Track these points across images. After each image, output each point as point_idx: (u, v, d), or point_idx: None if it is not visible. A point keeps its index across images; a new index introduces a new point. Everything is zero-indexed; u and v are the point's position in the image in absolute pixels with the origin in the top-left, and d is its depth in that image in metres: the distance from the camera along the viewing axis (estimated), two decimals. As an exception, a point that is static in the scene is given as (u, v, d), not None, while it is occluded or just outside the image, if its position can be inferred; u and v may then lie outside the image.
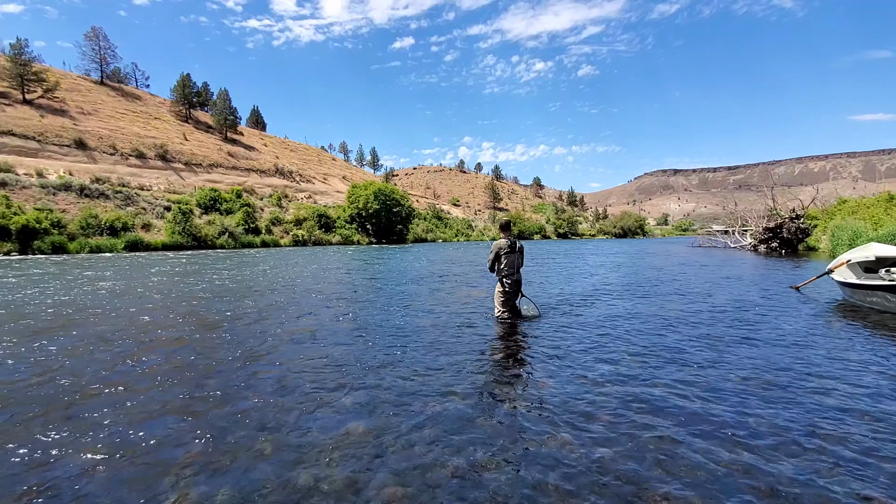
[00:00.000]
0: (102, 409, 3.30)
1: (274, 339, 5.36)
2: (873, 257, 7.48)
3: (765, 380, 3.81)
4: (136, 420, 3.10)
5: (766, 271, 13.86)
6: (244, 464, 2.53)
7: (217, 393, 3.60)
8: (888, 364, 4.23)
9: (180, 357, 4.61)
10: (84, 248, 26.63)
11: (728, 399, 3.39)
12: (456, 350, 4.81)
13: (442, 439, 2.78)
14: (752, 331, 5.65)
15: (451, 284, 11.04)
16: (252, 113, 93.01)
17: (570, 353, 4.67)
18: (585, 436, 2.81)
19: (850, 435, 2.81)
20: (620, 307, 7.51)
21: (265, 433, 2.89)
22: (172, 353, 4.74)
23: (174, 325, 6.17)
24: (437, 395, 3.52)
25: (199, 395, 3.54)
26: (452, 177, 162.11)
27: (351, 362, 4.39)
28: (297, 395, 3.52)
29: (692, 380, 3.82)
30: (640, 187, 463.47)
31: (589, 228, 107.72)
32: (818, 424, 2.95)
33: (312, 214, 46.98)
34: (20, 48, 44.67)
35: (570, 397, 3.44)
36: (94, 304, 7.96)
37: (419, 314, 6.96)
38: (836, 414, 3.12)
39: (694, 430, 2.88)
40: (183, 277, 12.59)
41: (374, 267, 16.97)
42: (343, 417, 3.11)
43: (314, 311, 7.26)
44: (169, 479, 2.38)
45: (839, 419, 3.03)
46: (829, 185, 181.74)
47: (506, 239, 6.13)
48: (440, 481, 2.34)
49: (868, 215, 21.27)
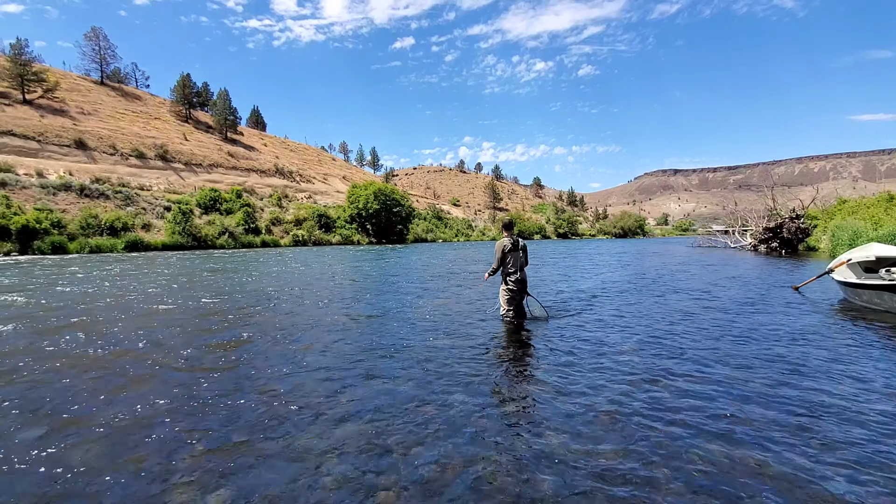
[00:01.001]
0: (97, 404, 3.30)
1: (312, 331, 5.37)
2: (873, 257, 7.48)
3: (765, 380, 3.81)
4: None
5: (767, 271, 13.86)
6: (245, 464, 2.53)
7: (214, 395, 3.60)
8: (888, 364, 4.23)
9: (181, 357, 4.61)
10: (84, 249, 26.62)
11: (728, 398, 3.39)
12: (458, 349, 4.80)
13: (443, 439, 2.78)
14: (752, 330, 5.65)
15: (452, 284, 11.04)
16: (252, 113, 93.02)
17: (573, 353, 4.67)
18: (588, 435, 2.81)
19: (850, 434, 2.81)
20: (623, 308, 7.51)
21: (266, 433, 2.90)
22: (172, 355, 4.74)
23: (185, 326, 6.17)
24: (437, 395, 3.52)
25: (196, 397, 3.54)
26: (452, 177, 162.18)
27: (352, 362, 4.40)
28: (298, 395, 3.53)
29: (694, 379, 3.82)
30: (641, 187, 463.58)
31: (589, 228, 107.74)
32: (818, 424, 2.95)
33: (312, 214, 46.98)
34: (20, 48, 44.67)
35: (572, 397, 3.44)
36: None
37: (421, 314, 6.96)
38: (836, 414, 3.12)
39: (696, 429, 2.88)
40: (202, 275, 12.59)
41: (375, 266, 16.97)
42: (343, 418, 3.12)
43: (317, 313, 7.26)
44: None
45: (839, 419, 3.03)
46: (829, 185, 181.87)
47: (509, 238, 6.14)
48: (441, 483, 2.34)
49: (868, 215, 21.26)
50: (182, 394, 3.59)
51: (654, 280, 11.83)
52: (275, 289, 10.17)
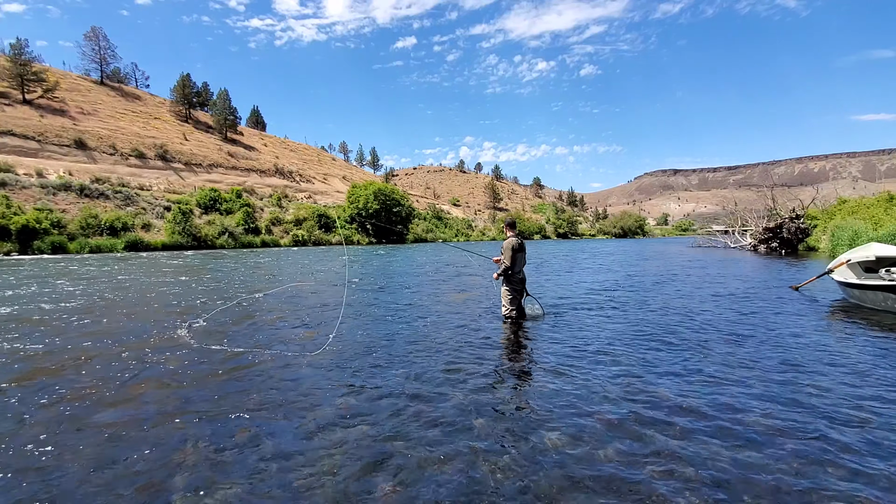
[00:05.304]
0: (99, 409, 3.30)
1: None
2: (873, 257, 7.48)
3: (765, 380, 3.82)
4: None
5: (766, 271, 13.87)
6: (246, 464, 2.53)
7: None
8: (888, 363, 4.23)
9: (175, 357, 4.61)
10: (84, 249, 26.62)
11: (728, 398, 3.39)
12: (461, 350, 4.80)
13: (445, 439, 2.78)
14: (751, 330, 5.65)
15: (454, 284, 11.04)
16: (252, 113, 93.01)
17: (572, 352, 4.67)
18: (588, 435, 2.81)
19: (851, 434, 2.81)
20: (623, 307, 7.51)
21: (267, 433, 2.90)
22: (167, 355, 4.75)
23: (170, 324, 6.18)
24: (439, 395, 3.52)
25: (192, 402, 3.55)
26: (452, 177, 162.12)
27: (354, 362, 4.40)
28: (299, 396, 3.53)
29: (693, 379, 3.82)
30: (641, 187, 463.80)
31: (589, 228, 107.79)
32: (818, 424, 2.95)
33: (312, 214, 46.97)
34: (20, 48, 44.67)
35: (573, 398, 3.45)
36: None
37: (423, 314, 6.96)
38: (836, 413, 3.12)
39: (695, 429, 2.88)
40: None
41: (375, 267, 16.96)
42: (344, 417, 3.12)
43: (320, 314, 7.26)
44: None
45: (840, 419, 3.04)
46: (829, 185, 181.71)
47: (515, 237, 6.16)
48: (441, 482, 2.34)
49: (868, 215, 21.27)
50: (174, 399, 3.58)
51: (653, 280, 11.83)
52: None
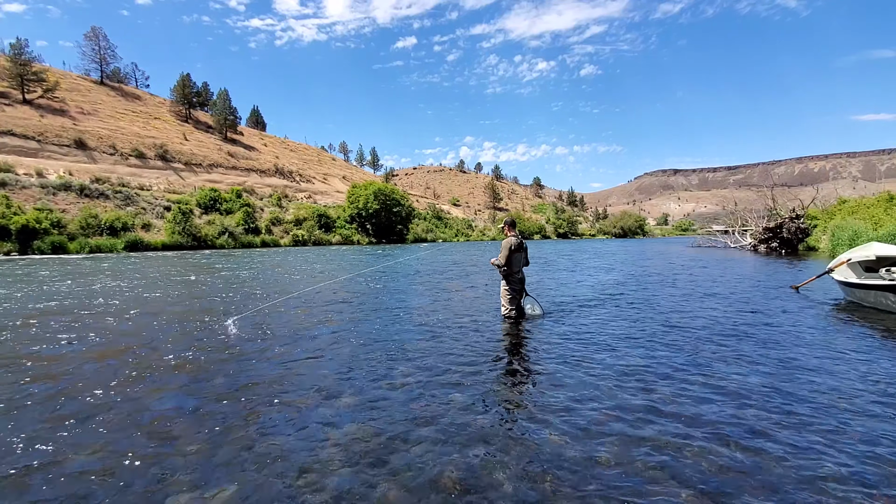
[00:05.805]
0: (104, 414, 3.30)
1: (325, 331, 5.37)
2: (874, 257, 7.48)
3: (764, 379, 3.81)
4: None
5: (766, 271, 13.86)
6: (247, 463, 2.53)
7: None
8: (888, 363, 4.23)
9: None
10: (84, 248, 26.62)
11: (728, 397, 3.39)
12: (462, 350, 4.80)
13: (445, 440, 2.78)
14: (751, 330, 5.65)
15: (454, 284, 11.04)
16: (252, 113, 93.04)
17: (572, 352, 4.67)
18: (588, 435, 2.81)
19: (851, 434, 2.81)
20: (623, 307, 7.51)
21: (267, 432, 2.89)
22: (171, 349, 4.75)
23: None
24: (440, 395, 3.51)
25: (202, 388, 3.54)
26: (452, 177, 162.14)
27: (354, 361, 4.40)
28: (300, 395, 3.53)
29: (693, 379, 3.82)
30: (641, 187, 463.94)
31: (589, 228, 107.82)
32: (818, 424, 2.95)
33: (312, 214, 46.98)
34: (20, 48, 44.68)
35: (575, 397, 3.44)
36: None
37: (424, 314, 6.95)
38: (836, 413, 3.12)
39: (695, 429, 2.88)
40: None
41: (376, 267, 16.97)
42: (344, 416, 3.12)
43: (321, 315, 7.26)
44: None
45: (839, 418, 3.03)
46: (829, 185, 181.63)
47: (515, 237, 6.17)
48: (442, 481, 2.34)
49: (868, 215, 21.28)
50: (186, 392, 3.58)
51: (652, 280, 11.83)
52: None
